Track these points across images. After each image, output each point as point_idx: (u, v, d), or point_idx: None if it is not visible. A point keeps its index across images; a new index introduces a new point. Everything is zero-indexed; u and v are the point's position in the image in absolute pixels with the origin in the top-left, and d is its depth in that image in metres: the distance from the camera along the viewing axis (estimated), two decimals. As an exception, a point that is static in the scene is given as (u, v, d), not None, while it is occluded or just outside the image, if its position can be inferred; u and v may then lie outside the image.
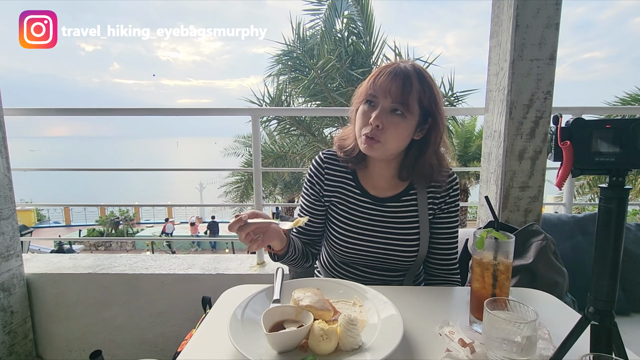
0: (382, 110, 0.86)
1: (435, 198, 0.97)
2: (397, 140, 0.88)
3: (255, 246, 0.79)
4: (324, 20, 7.15)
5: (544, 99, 1.40)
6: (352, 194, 0.99)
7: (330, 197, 1.01)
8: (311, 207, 1.02)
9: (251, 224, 0.77)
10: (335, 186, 1.00)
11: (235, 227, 0.76)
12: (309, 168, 1.04)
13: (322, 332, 0.62)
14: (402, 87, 0.85)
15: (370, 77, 0.90)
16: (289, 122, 7.45)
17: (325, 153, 1.03)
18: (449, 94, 6.95)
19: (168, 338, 1.75)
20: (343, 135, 1.01)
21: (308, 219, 0.82)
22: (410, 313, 0.76)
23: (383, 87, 0.85)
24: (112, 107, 4.86)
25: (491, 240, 0.70)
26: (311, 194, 1.02)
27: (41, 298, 1.75)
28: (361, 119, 0.89)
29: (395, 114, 0.86)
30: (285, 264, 1.00)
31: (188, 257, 1.95)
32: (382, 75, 0.87)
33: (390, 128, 0.86)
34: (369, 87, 0.88)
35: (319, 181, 1.01)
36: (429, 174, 0.93)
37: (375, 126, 0.85)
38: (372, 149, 0.88)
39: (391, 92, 0.85)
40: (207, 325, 0.76)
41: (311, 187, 1.02)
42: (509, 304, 0.64)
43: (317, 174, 1.01)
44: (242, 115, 1.94)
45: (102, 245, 15.89)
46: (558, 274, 1.17)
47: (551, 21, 1.36)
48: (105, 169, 3.72)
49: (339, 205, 1.00)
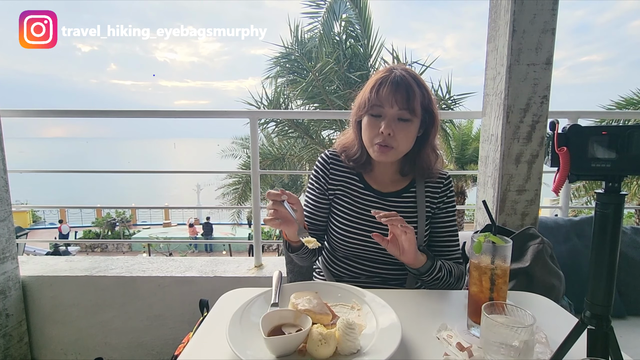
0: (391, 119, 0.93)
1: (433, 198, 1.04)
2: (407, 143, 0.96)
3: (271, 223, 0.84)
4: (322, 23, 7.17)
5: (541, 104, 1.41)
6: (356, 187, 1.05)
7: (335, 191, 1.06)
8: (316, 200, 1.07)
9: (282, 207, 0.83)
10: (340, 181, 1.06)
11: (272, 197, 0.83)
12: (315, 164, 1.11)
13: (320, 336, 0.63)
14: (406, 95, 0.91)
15: (371, 88, 0.94)
16: (287, 124, 7.44)
17: (331, 151, 1.09)
18: (447, 97, 6.97)
19: (165, 341, 1.74)
20: (346, 144, 1.07)
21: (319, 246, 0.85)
22: (408, 317, 0.76)
23: (388, 97, 0.91)
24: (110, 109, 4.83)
25: (489, 244, 0.71)
26: (316, 188, 1.07)
27: (37, 301, 1.73)
28: (370, 130, 0.95)
29: (402, 120, 0.93)
30: (295, 258, 1.03)
31: (185, 259, 1.94)
32: (383, 86, 0.92)
33: (400, 133, 0.93)
34: (373, 97, 0.93)
35: (324, 175, 1.06)
36: (427, 166, 1.01)
37: (387, 135, 0.91)
38: (386, 155, 0.95)
39: (397, 101, 0.91)
40: (205, 328, 0.76)
41: (317, 182, 1.07)
42: (507, 308, 0.64)
43: (323, 169, 1.07)
44: (240, 118, 1.94)
45: (99, 247, 15.80)
46: (555, 278, 1.18)
47: (547, 26, 1.37)
48: (101, 171, 3.70)
49: (342, 198, 1.05)
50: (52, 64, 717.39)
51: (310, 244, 0.83)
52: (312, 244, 0.83)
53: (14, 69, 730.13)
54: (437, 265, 0.93)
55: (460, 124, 9.09)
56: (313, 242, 0.84)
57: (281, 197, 0.83)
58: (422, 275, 0.92)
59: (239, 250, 14.78)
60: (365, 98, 0.95)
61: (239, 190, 8.98)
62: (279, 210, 0.84)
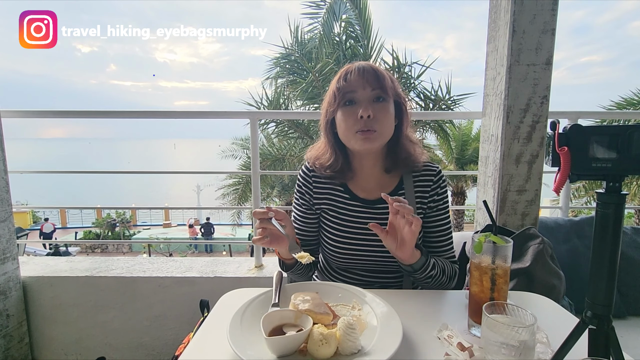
0: (367, 101, 0.89)
1: (423, 197, 0.98)
2: (389, 124, 0.92)
3: (260, 242, 0.82)
4: (322, 24, 7.19)
5: (541, 104, 1.41)
6: (341, 199, 1.00)
7: (321, 205, 1.02)
8: (303, 216, 1.04)
9: (271, 224, 0.80)
10: (324, 193, 1.02)
11: (259, 216, 0.79)
12: (297, 179, 1.06)
13: (321, 336, 0.63)
14: (375, 76, 0.89)
15: (337, 80, 0.92)
16: (287, 125, 7.45)
17: (310, 163, 1.04)
18: (446, 98, 6.97)
19: (165, 342, 1.74)
20: (317, 155, 1.02)
21: (312, 260, 0.83)
22: (409, 317, 0.76)
23: (358, 80, 0.89)
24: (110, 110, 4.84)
25: (489, 244, 0.71)
26: (302, 204, 1.04)
27: (37, 301, 1.73)
28: (347, 120, 0.91)
29: (378, 101, 0.90)
30: (292, 275, 1.01)
31: (185, 260, 1.94)
32: (349, 73, 0.90)
33: (380, 114, 0.89)
34: (342, 85, 0.90)
35: (308, 190, 1.03)
36: (407, 155, 0.96)
37: (367, 117, 0.87)
38: (370, 140, 0.89)
39: (369, 82, 0.89)
40: (205, 329, 0.76)
41: (301, 197, 1.04)
42: (507, 308, 0.64)
43: (306, 182, 1.03)
44: (240, 119, 1.94)
45: (99, 248, 15.79)
46: (555, 278, 1.18)
47: (547, 27, 1.37)
48: (100, 171, 3.67)
49: (329, 212, 1.01)
50: (51, 64, 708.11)
51: (304, 259, 0.81)
52: (305, 259, 0.81)
53: (14, 70, 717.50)
54: (430, 262, 0.89)
55: (460, 124, 9.10)
56: (306, 257, 0.82)
57: (268, 215, 0.80)
58: (415, 272, 0.88)
59: (239, 251, 14.77)
60: (334, 90, 0.92)
61: (239, 191, 8.99)
62: (267, 228, 0.81)
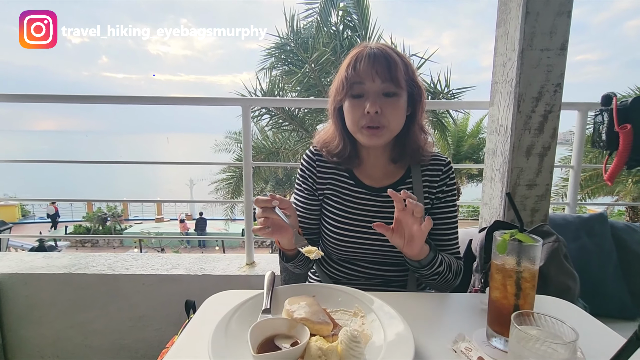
0: (375, 95, 0.83)
1: (432, 187, 0.93)
2: (398, 119, 0.86)
3: (262, 232, 0.76)
4: (319, 12, 7.01)
5: (554, 92, 1.31)
6: (346, 184, 0.95)
7: (324, 190, 0.96)
8: (305, 202, 0.98)
9: (274, 214, 0.73)
10: (328, 178, 0.96)
11: (261, 204, 0.73)
12: (300, 163, 1.01)
13: (320, 351, 0.53)
14: (387, 65, 0.82)
15: (347, 66, 0.85)
16: (281, 117, 7.31)
17: (316, 146, 0.99)
18: (445, 91, 6.89)
19: (149, 343, 1.63)
20: (325, 139, 0.97)
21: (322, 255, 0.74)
22: (418, 325, 0.66)
23: (367, 71, 0.82)
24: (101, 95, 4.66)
25: (515, 243, 0.61)
26: (305, 189, 0.98)
27: (11, 300, 1.61)
28: (353, 113, 0.85)
29: (388, 94, 0.84)
30: (291, 267, 0.94)
31: (172, 256, 1.83)
32: (360, 61, 0.83)
33: (388, 109, 0.83)
34: (350, 75, 0.83)
35: (311, 174, 0.97)
36: (417, 147, 0.91)
37: (374, 113, 0.82)
38: (376, 137, 0.85)
39: (379, 73, 0.82)
40: (188, 335, 0.67)
41: (304, 182, 0.98)
42: (536, 318, 0.55)
43: (309, 167, 0.98)
44: (232, 106, 1.83)
45: (89, 242, 15.53)
46: (570, 278, 1.10)
47: (563, 8, 1.28)
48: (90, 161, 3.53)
49: (332, 197, 0.95)
50: (42, 56, 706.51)
51: (312, 254, 0.72)
52: (313, 254, 0.72)
53: (3, 61, 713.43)
54: (438, 258, 0.83)
55: (456, 117, 9.05)
56: (315, 251, 0.72)
57: (272, 203, 0.73)
58: (422, 268, 0.81)
59: (233, 246, 14.64)
60: (342, 78, 0.85)
61: (232, 185, 8.85)
62: (270, 217, 0.74)
